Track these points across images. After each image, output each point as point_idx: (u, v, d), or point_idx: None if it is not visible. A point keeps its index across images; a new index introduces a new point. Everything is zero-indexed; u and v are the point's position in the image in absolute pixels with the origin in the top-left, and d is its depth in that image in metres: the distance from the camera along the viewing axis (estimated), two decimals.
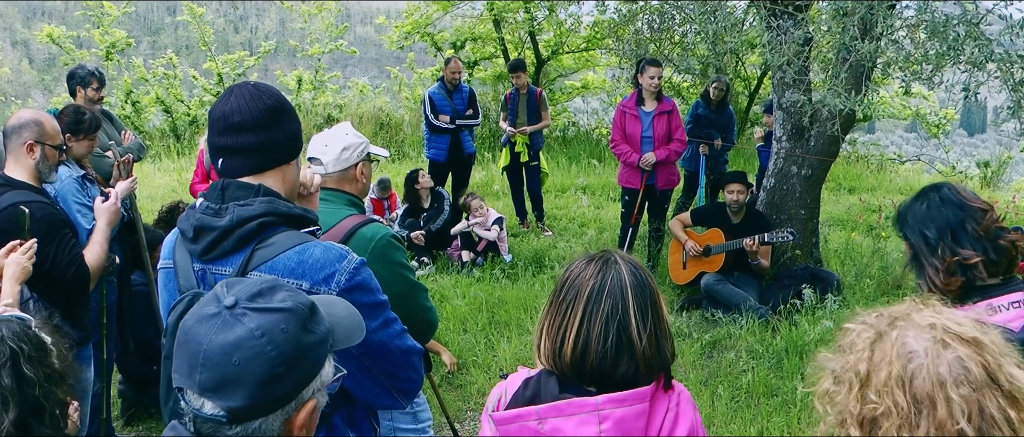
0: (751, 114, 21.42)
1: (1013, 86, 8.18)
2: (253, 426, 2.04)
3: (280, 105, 3.01)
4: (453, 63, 12.62)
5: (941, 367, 1.82)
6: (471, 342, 8.57)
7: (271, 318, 2.04)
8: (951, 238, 3.31)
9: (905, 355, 1.87)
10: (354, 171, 4.26)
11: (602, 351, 2.58)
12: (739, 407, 7.40)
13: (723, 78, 13.11)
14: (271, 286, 2.15)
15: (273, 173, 3.02)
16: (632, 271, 2.70)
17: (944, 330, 1.89)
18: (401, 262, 4.20)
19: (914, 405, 1.82)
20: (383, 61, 34.28)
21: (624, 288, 2.64)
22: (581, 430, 2.52)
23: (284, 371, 2.02)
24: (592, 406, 2.52)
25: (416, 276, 4.31)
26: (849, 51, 8.52)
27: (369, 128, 20.58)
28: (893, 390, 1.85)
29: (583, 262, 2.75)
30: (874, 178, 19.63)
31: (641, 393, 2.56)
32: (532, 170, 13.01)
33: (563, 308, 2.67)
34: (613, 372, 2.59)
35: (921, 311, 1.98)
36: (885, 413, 1.86)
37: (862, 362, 1.95)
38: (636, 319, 2.61)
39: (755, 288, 9.73)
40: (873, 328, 2.00)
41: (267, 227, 2.85)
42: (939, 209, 3.37)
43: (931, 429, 1.80)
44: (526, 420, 2.56)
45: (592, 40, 21.57)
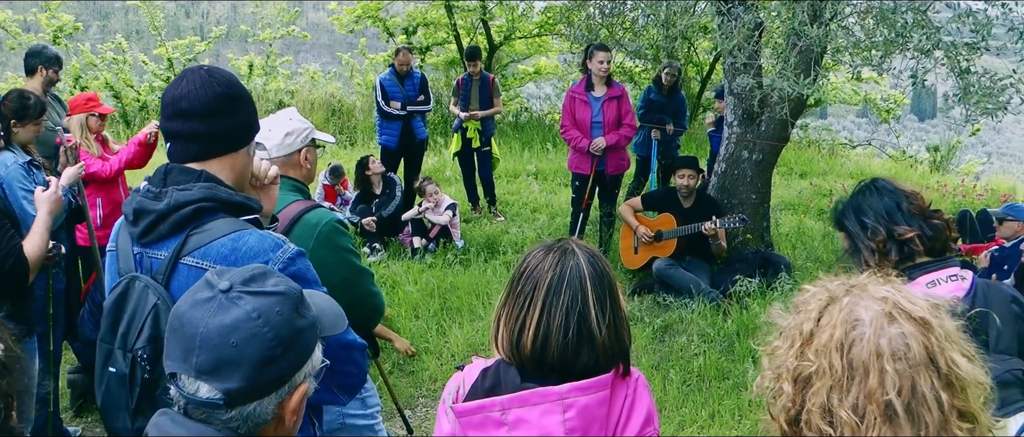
0: (703, 99, 21.51)
1: (959, 73, 8.27)
2: (248, 410, 2.05)
3: (231, 92, 2.96)
4: (402, 54, 12.59)
5: (882, 339, 1.83)
6: (423, 328, 8.54)
7: (266, 301, 2.07)
8: (887, 218, 3.37)
9: (850, 321, 1.89)
10: (298, 156, 4.23)
11: (563, 343, 2.58)
12: (691, 390, 7.44)
13: (675, 63, 13.14)
14: (262, 272, 2.18)
15: (220, 160, 2.97)
16: (590, 261, 2.70)
17: (895, 305, 1.90)
18: (347, 247, 4.19)
19: (848, 370, 1.84)
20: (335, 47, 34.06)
21: (583, 279, 2.64)
22: (545, 419, 2.52)
23: (280, 353, 2.05)
24: (556, 395, 2.53)
25: (364, 261, 4.29)
26: (799, 36, 8.56)
27: (321, 114, 20.43)
28: (831, 352, 1.87)
29: (541, 252, 2.74)
30: (825, 163, 19.76)
31: (603, 381, 2.57)
32: (484, 156, 13.01)
33: (521, 300, 2.66)
34: (574, 363, 2.59)
35: (879, 284, 1.99)
36: (818, 373, 1.88)
37: (808, 322, 1.97)
38: (595, 310, 2.62)
39: (706, 272, 9.78)
40: (828, 293, 2.02)
41: (204, 213, 2.82)
42: (875, 197, 3.44)
43: (860, 396, 1.82)
44: (489, 411, 2.56)
45: (544, 25, 21.57)
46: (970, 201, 14.85)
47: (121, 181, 7.88)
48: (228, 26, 28.18)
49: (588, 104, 10.31)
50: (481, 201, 13.33)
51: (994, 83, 8.33)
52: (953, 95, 8.51)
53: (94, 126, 7.66)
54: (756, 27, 9.19)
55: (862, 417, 1.81)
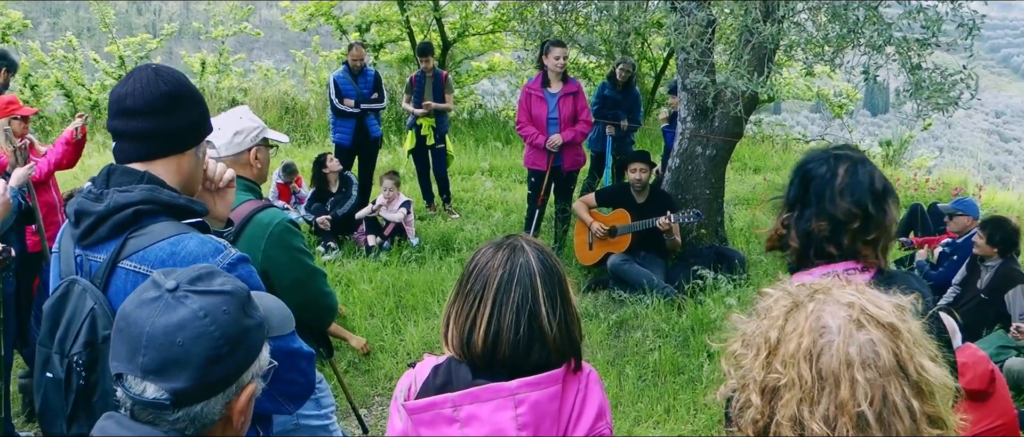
0: (657, 95, 21.61)
1: (911, 69, 8.34)
2: (195, 410, 2.03)
3: (178, 92, 2.88)
4: (355, 49, 12.54)
5: (851, 347, 1.81)
6: (378, 327, 8.52)
7: (213, 300, 2.05)
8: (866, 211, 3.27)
9: (817, 329, 1.86)
10: (247, 156, 4.19)
11: (514, 341, 2.58)
12: (646, 386, 7.46)
13: (629, 59, 13.18)
14: (209, 271, 2.16)
15: (165, 161, 2.91)
16: (540, 257, 2.69)
17: (862, 310, 1.87)
18: (299, 247, 4.17)
19: (818, 381, 1.81)
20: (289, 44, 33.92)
21: (533, 276, 2.64)
22: (497, 415, 2.52)
23: (227, 352, 2.03)
24: (508, 391, 2.53)
25: (318, 261, 4.26)
26: (752, 33, 8.61)
27: (274, 112, 20.32)
28: (799, 363, 1.84)
29: (490, 249, 2.73)
30: (779, 158, 19.88)
31: (554, 376, 2.58)
32: (438, 153, 12.97)
33: (471, 298, 2.65)
34: (526, 360, 2.59)
35: (843, 288, 1.97)
36: (788, 385, 1.85)
37: (774, 330, 1.93)
38: (546, 307, 2.62)
39: (661, 267, 9.80)
40: (791, 297, 1.99)
41: (144, 215, 2.76)
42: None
43: (831, 407, 1.79)
44: (441, 408, 2.55)
45: (498, 22, 21.57)
46: (922, 195, 15.01)
47: (53, 183, 7.76)
48: (180, 23, 27.98)
49: (544, 100, 10.29)
50: (436, 198, 13.31)
51: (945, 79, 8.41)
52: (905, 90, 8.59)
53: (17, 130, 7.52)
54: (709, 24, 9.23)
55: (834, 428, 1.79)
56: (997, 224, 8.42)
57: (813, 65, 9.24)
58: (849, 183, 3.11)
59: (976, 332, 8.20)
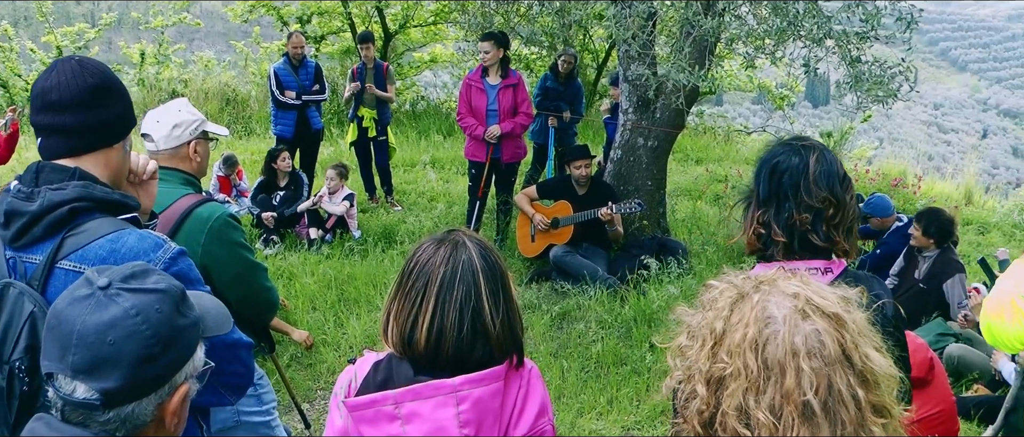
0: (600, 86, 21.61)
1: (850, 62, 8.42)
2: (126, 411, 2.00)
3: (104, 84, 2.82)
4: (295, 37, 12.46)
5: (797, 337, 1.81)
6: (320, 320, 8.47)
7: (146, 298, 2.02)
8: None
9: (763, 319, 1.86)
10: (186, 149, 4.13)
11: (457, 339, 2.57)
12: (589, 377, 7.48)
13: (571, 51, 13.19)
14: (144, 269, 2.12)
15: (93, 156, 2.85)
16: (482, 254, 2.68)
17: (807, 301, 1.88)
18: (239, 242, 4.13)
19: (764, 370, 1.81)
20: (230, 35, 33.58)
21: (476, 273, 2.63)
22: (439, 412, 2.51)
23: (159, 352, 1.99)
24: (449, 388, 2.52)
25: (260, 256, 4.21)
26: (692, 26, 8.64)
27: (215, 104, 20.11)
28: (745, 352, 1.84)
29: (431, 246, 2.71)
30: (721, 149, 20.01)
31: (496, 373, 2.58)
32: (380, 145, 12.90)
33: (413, 295, 2.64)
34: (469, 358, 2.59)
35: (788, 280, 1.98)
36: (734, 374, 1.85)
37: (719, 321, 1.93)
38: (489, 305, 2.62)
39: (604, 259, 9.83)
40: (736, 289, 1.99)
41: (80, 213, 2.71)
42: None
43: (776, 396, 1.79)
44: (382, 405, 2.54)
45: (439, 13, 21.49)
46: (862, 185, 15.17)
47: None
48: (119, 13, 27.64)
49: (484, 92, 10.30)
50: (378, 191, 13.23)
51: (884, 71, 8.50)
52: (845, 83, 8.67)
53: None
54: (650, 16, 9.26)
55: (779, 418, 1.79)
56: (931, 216, 8.54)
57: (754, 58, 9.27)
58: (823, 171, 3.12)
59: (915, 321, 8.33)
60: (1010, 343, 3.02)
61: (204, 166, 4.30)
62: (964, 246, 12.19)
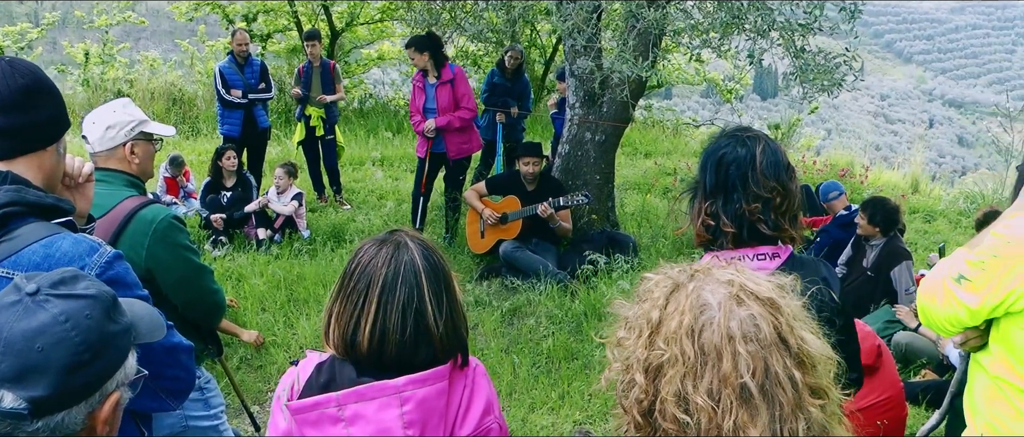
0: (547, 82, 21.64)
1: (795, 53, 8.47)
2: (56, 420, 1.94)
3: (36, 85, 2.76)
4: (239, 35, 12.41)
5: (732, 322, 1.82)
6: (270, 321, 8.40)
7: (75, 304, 1.96)
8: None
9: (698, 306, 1.87)
10: (123, 150, 4.05)
11: (400, 341, 2.55)
12: (540, 372, 7.48)
13: (518, 46, 13.21)
14: (73, 275, 2.06)
15: (26, 159, 2.79)
16: (424, 254, 2.65)
17: (741, 287, 1.89)
18: (184, 244, 4.08)
19: (701, 356, 1.82)
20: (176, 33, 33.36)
21: (418, 274, 2.60)
22: (382, 414, 2.48)
23: (89, 358, 1.94)
24: (393, 389, 2.50)
25: (207, 257, 4.17)
26: (637, 19, 8.66)
27: (161, 104, 19.93)
28: (682, 339, 1.84)
29: (373, 247, 2.68)
30: (670, 142, 20.09)
31: (440, 372, 2.56)
32: (328, 144, 12.87)
33: (355, 297, 2.60)
34: (412, 360, 2.56)
35: (722, 268, 1.99)
36: (671, 361, 1.85)
37: (655, 310, 1.94)
38: (433, 306, 2.59)
39: (553, 254, 9.84)
40: (672, 280, 2.00)
41: (12, 218, 2.66)
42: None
43: (714, 380, 1.80)
44: (325, 408, 2.51)
45: (386, 11, 21.43)
46: (810, 176, 15.29)
47: None
48: (63, 12, 27.32)
49: (424, 91, 10.41)
50: (327, 190, 13.18)
51: (828, 61, 8.58)
52: (790, 74, 8.72)
53: None
54: (594, 9, 9.27)
55: (718, 401, 1.80)
56: (877, 205, 8.61)
57: (700, 50, 9.32)
58: (769, 161, 3.15)
59: (864, 309, 8.41)
60: (942, 326, 3.04)
61: (147, 168, 4.22)
62: (911, 234, 12.33)
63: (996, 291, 2.78)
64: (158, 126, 4.29)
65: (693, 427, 1.81)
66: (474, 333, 8.33)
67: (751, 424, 1.77)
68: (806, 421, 1.82)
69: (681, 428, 1.82)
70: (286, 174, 11.29)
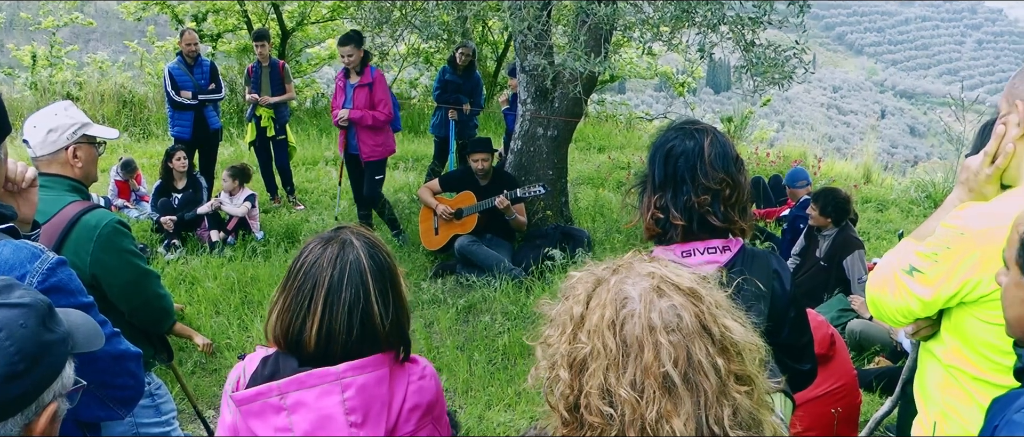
0: (500, 78, 21.66)
1: (745, 46, 8.51)
2: None
3: None
4: (188, 35, 12.30)
5: (653, 313, 1.83)
6: (224, 324, 8.34)
7: (9, 313, 1.91)
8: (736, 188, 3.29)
9: (620, 300, 1.88)
10: (65, 154, 3.99)
11: (346, 340, 2.56)
12: (496, 369, 7.48)
13: (469, 43, 13.24)
14: (8, 284, 2.01)
15: None
16: (370, 253, 2.65)
17: (662, 279, 1.90)
18: (130, 249, 4.03)
19: (623, 348, 1.82)
20: (126, 34, 33.04)
21: (364, 273, 2.60)
22: (323, 400, 2.48)
23: (24, 369, 1.88)
24: (333, 375, 2.50)
25: (160, 262, 4.12)
26: (587, 14, 8.67)
27: (111, 106, 19.71)
28: (603, 333, 1.85)
29: (318, 246, 2.68)
30: (623, 136, 20.16)
31: (379, 359, 2.56)
32: (280, 144, 12.81)
33: (300, 298, 2.60)
34: (358, 356, 2.56)
35: (643, 262, 1.99)
36: (593, 354, 1.85)
37: (578, 306, 1.94)
38: (378, 305, 2.60)
39: (508, 249, 9.86)
40: (595, 276, 2.00)
41: None
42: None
43: (637, 372, 1.80)
44: (267, 397, 2.50)
45: (336, 9, 21.36)
46: (763, 168, 15.37)
47: None
48: (9, 14, 26.99)
49: (344, 91, 10.54)
50: (279, 190, 13.11)
51: (778, 55, 8.62)
52: (741, 67, 8.77)
53: None
54: (545, 6, 9.27)
55: (641, 392, 1.79)
56: (828, 196, 8.69)
57: (651, 45, 9.35)
58: (718, 153, 3.15)
59: (817, 298, 8.49)
60: (894, 317, 3.06)
61: (90, 172, 4.16)
62: (863, 223, 12.42)
63: (950, 282, 2.79)
64: (101, 129, 4.23)
65: (617, 419, 1.81)
66: (429, 331, 8.32)
67: (674, 413, 1.78)
68: (731, 408, 1.82)
69: (606, 421, 1.82)
70: (231, 177, 11.20)
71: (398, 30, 11.04)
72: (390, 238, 10.73)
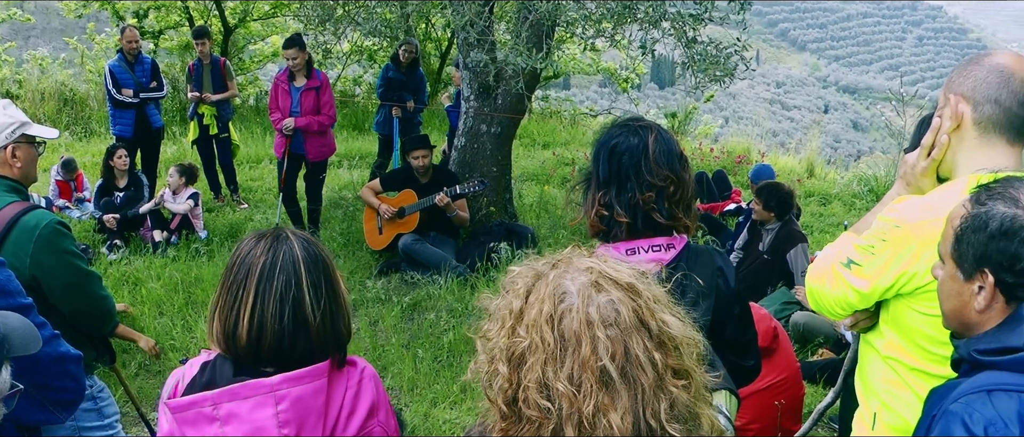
0: (444, 75, 21.65)
1: (686, 43, 8.58)
2: None
3: None
4: (128, 32, 12.17)
5: (591, 308, 1.84)
6: (168, 326, 8.28)
7: None
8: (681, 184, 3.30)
9: (558, 294, 1.88)
10: (4, 154, 3.95)
11: (278, 330, 2.53)
12: (441, 366, 7.49)
13: (412, 40, 13.21)
14: None
15: None
16: (305, 246, 2.64)
17: (600, 274, 1.91)
18: (70, 250, 4.00)
19: (560, 342, 1.83)
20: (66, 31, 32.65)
21: (297, 263, 2.58)
22: (257, 412, 2.46)
23: None
24: (267, 387, 2.47)
25: (103, 263, 4.09)
26: (530, 11, 8.69)
27: (52, 105, 19.45)
28: (541, 327, 1.85)
29: (253, 240, 2.66)
30: (568, 133, 20.19)
31: (316, 370, 2.54)
32: (223, 142, 12.72)
33: (234, 289, 2.58)
34: (290, 353, 2.55)
35: (582, 257, 2.01)
36: (532, 348, 1.86)
37: (517, 300, 1.95)
38: (310, 296, 2.57)
39: (452, 247, 9.87)
40: (534, 270, 2.01)
41: None
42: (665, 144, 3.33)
43: (575, 366, 1.81)
44: (201, 407, 2.47)
45: (278, 5, 21.25)
46: (707, 164, 15.47)
47: None
48: None
49: (289, 94, 10.52)
50: (223, 189, 13.03)
51: (720, 51, 8.68)
52: (683, 63, 8.83)
53: None
54: (487, 3, 9.27)
55: (579, 386, 1.80)
56: (771, 190, 8.77)
57: (593, 41, 9.40)
58: (662, 150, 3.16)
59: (761, 292, 8.58)
60: (832, 309, 3.10)
61: (30, 172, 4.12)
62: (807, 217, 12.57)
63: (886, 275, 2.83)
64: (41, 129, 4.19)
65: (555, 413, 1.82)
66: (374, 329, 8.32)
67: (612, 407, 1.79)
68: (669, 401, 1.84)
69: (544, 415, 1.83)
70: (179, 174, 11.12)
71: (341, 27, 11.00)
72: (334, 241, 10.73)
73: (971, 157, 2.87)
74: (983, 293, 2.37)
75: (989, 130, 2.84)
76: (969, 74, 2.89)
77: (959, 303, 2.45)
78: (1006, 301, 2.35)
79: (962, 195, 2.50)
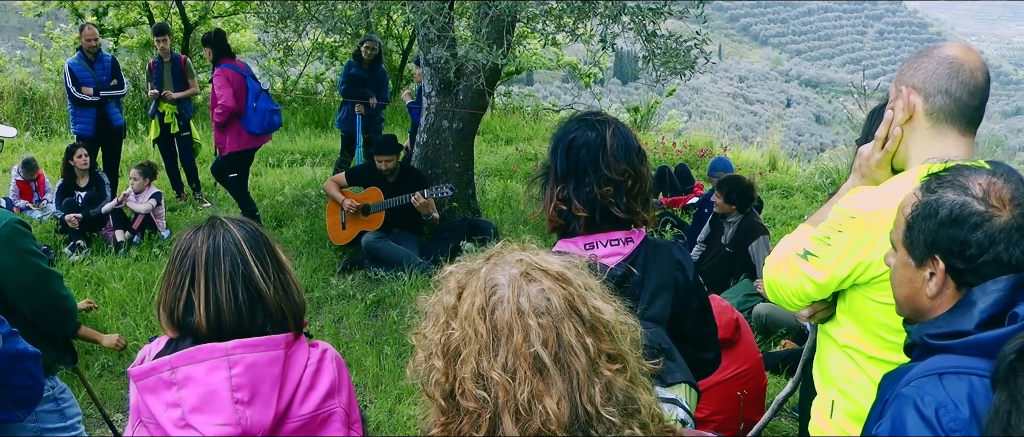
0: (406, 71, 21.62)
1: (646, 37, 8.61)
2: None
3: None
4: (87, 29, 12.09)
5: (522, 298, 1.86)
6: (131, 326, 8.25)
7: None
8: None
9: (490, 287, 1.91)
10: None
11: (235, 308, 2.60)
12: (406, 363, 7.41)
13: (373, 37, 13.22)
14: None
15: None
16: (242, 226, 2.73)
17: (531, 265, 1.93)
18: (30, 249, 3.98)
19: (493, 332, 1.86)
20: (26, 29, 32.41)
21: (238, 243, 2.67)
22: (211, 375, 2.52)
23: None
24: (222, 351, 2.54)
25: (65, 263, 4.07)
26: (489, 7, 8.70)
27: (11, 104, 19.25)
28: (475, 319, 1.88)
29: (190, 232, 2.74)
30: (530, 128, 20.20)
31: (273, 340, 2.61)
32: (184, 141, 12.65)
33: (181, 281, 2.64)
34: (251, 327, 2.62)
35: (513, 251, 2.03)
36: (465, 341, 1.88)
37: (450, 296, 1.97)
38: (259, 268, 2.66)
39: (415, 244, 9.88)
40: (467, 267, 2.03)
41: None
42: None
43: (508, 355, 1.83)
44: (160, 372, 2.54)
45: (239, 3, 21.16)
46: (670, 158, 15.54)
47: None
48: None
49: None
50: (185, 188, 12.95)
51: (680, 45, 8.73)
52: (642, 57, 8.87)
53: None
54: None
55: (513, 374, 1.82)
56: (732, 183, 8.83)
57: (554, 35, 9.43)
58: (620, 144, 3.17)
59: (723, 284, 8.64)
60: (790, 300, 3.13)
61: None
62: (769, 210, 12.65)
63: (842, 265, 2.87)
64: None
65: (491, 402, 1.85)
66: (338, 326, 8.31)
67: (547, 393, 1.81)
68: (603, 385, 1.87)
69: (481, 405, 1.85)
70: (141, 174, 11.06)
71: (302, 25, 10.99)
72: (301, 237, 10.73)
73: (924, 147, 2.91)
74: (934, 279, 2.40)
75: (941, 121, 2.88)
76: (919, 66, 2.93)
77: (911, 290, 2.48)
78: (956, 287, 2.39)
79: (914, 184, 2.53)
